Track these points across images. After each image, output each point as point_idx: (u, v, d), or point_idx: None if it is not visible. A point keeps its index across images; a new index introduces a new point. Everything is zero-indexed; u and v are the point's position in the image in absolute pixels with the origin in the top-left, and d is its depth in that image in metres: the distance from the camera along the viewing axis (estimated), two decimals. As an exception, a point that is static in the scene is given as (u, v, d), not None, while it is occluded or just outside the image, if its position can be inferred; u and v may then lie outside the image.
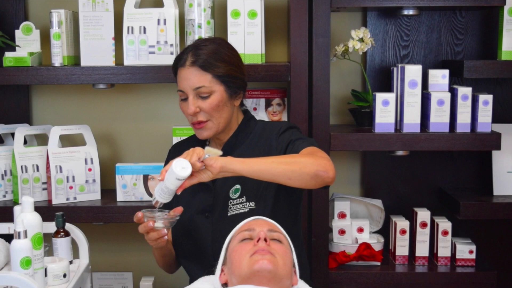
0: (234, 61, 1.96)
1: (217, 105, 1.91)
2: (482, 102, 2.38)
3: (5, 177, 2.49)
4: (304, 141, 1.89)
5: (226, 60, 1.93)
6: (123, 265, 2.78)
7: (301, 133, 2.00)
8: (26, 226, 1.72)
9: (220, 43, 1.97)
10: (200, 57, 1.90)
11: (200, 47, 1.93)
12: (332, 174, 1.76)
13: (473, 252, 2.46)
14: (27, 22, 2.47)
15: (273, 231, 1.71)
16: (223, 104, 1.93)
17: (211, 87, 1.90)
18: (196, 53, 1.91)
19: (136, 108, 2.72)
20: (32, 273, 1.71)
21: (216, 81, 1.91)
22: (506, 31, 2.42)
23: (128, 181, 2.47)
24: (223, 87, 1.92)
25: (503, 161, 2.54)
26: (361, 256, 2.45)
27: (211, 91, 1.91)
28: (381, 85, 2.64)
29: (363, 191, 2.76)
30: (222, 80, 1.92)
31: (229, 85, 1.93)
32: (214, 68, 1.90)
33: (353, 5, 2.35)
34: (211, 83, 1.90)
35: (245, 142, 2.00)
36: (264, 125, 2.04)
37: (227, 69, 1.92)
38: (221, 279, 1.71)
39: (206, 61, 1.90)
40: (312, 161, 1.75)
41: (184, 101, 1.96)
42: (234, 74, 1.94)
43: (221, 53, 1.93)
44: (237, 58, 1.98)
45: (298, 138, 1.92)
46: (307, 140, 1.90)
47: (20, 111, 2.68)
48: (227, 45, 1.99)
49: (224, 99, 1.93)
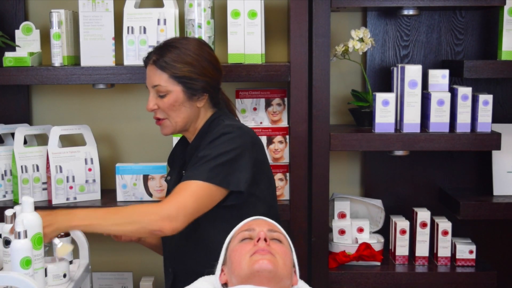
0: (197, 63, 1.95)
1: (172, 104, 1.95)
2: (482, 102, 2.38)
3: (5, 177, 2.49)
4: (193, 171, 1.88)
5: (187, 62, 1.94)
6: (123, 265, 2.78)
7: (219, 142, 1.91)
8: (26, 226, 1.72)
9: (188, 44, 1.97)
10: (162, 57, 1.94)
11: (167, 46, 1.97)
12: (168, 230, 1.82)
13: (473, 252, 2.46)
14: (27, 22, 2.47)
15: (273, 231, 1.71)
16: (180, 104, 1.96)
17: (167, 87, 1.95)
18: (160, 53, 1.95)
19: (136, 108, 2.72)
20: (32, 273, 1.70)
21: (173, 81, 1.94)
22: (506, 31, 2.42)
23: (128, 181, 2.47)
24: (180, 87, 1.95)
25: (503, 161, 2.54)
26: (361, 256, 2.45)
27: (167, 90, 1.95)
28: (381, 85, 2.64)
29: (363, 191, 2.76)
30: (179, 81, 1.94)
31: (188, 86, 1.95)
32: (171, 68, 1.93)
33: (353, 5, 2.35)
34: (167, 83, 1.94)
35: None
36: (223, 126, 1.96)
37: (186, 71, 1.93)
38: (221, 279, 1.71)
39: (165, 61, 1.94)
40: (149, 221, 1.82)
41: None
42: (193, 76, 1.94)
43: (185, 54, 1.94)
44: (202, 60, 1.96)
45: (194, 166, 1.90)
46: (198, 169, 1.87)
47: (20, 111, 2.68)
48: (197, 46, 1.98)
49: (181, 100, 1.95)
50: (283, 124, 2.49)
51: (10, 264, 1.72)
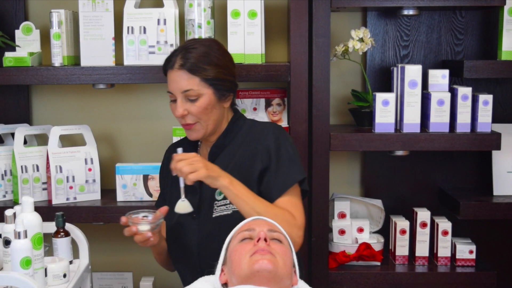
0: (223, 64, 1.94)
1: (205, 108, 1.91)
2: (482, 102, 2.38)
3: (5, 177, 2.49)
4: (284, 179, 1.90)
5: (215, 63, 1.91)
6: (123, 265, 2.78)
7: (286, 140, 1.96)
8: (26, 226, 1.72)
9: (210, 45, 1.95)
10: (189, 60, 1.89)
11: (189, 49, 1.91)
12: (297, 248, 1.84)
13: (473, 252, 2.46)
14: (27, 22, 2.47)
15: (273, 231, 1.71)
16: (212, 107, 1.92)
17: (199, 90, 1.90)
18: (185, 56, 1.90)
19: (136, 108, 2.73)
20: (32, 273, 1.71)
21: (204, 84, 1.90)
22: (506, 31, 2.42)
23: (128, 181, 2.47)
24: (211, 90, 1.91)
25: (503, 161, 2.54)
26: (361, 256, 2.45)
27: (199, 94, 1.90)
28: (381, 85, 2.64)
29: (363, 191, 2.76)
30: (210, 83, 1.91)
31: (218, 88, 1.92)
32: (202, 71, 1.89)
33: (353, 5, 2.35)
34: (199, 87, 1.90)
35: (231, 143, 1.99)
36: (252, 124, 2.03)
37: (216, 72, 1.91)
38: (221, 279, 1.71)
39: (194, 64, 1.89)
40: (290, 232, 1.80)
41: (173, 103, 1.95)
42: (222, 77, 1.93)
43: (210, 55, 1.91)
44: (227, 60, 1.97)
45: (280, 169, 1.91)
46: (288, 177, 1.90)
47: (20, 111, 2.68)
48: (217, 46, 1.97)
49: (213, 102, 1.92)
50: (283, 124, 2.49)
51: (10, 264, 1.72)
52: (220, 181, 1.80)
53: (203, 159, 1.81)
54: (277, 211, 1.85)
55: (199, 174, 1.77)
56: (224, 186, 1.81)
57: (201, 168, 1.77)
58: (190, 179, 1.77)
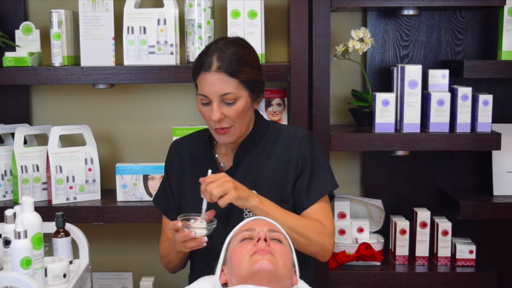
0: (257, 64, 1.89)
1: (242, 111, 1.85)
2: (482, 102, 2.38)
3: (5, 177, 2.49)
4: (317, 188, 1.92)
5: (250, 64, 1.85)
6: (123, 265, 2.78)
7: (317, 147, 1.98)
8: (26, 226, 1.72)
9: (243, 46, 1.88)
10: (226, 62, 1.81)
11: (224, 50, 1.83)
12: (327, 258, 1.91)
13: (473, 252, 2.46)
14: (27, 22, 2.47)
15: (273, 231, 1.71)
16: (247, 109, 1.88)
17: (237, 93, 1.83)
18: (221, 57, 1.82)
19: (136, 108, 2.73)
20: (32, 273, 1.71)
21: (242, 87, 1.84)
22: (506, 31, 2.42)
23: (128, 181, 2.47)
24: (247, 92, 1.86)
25: (503, 161, 2.54)
26: (361, 256, 2.45)
27: (237, 97, 1.83)
28: (381, 85, 2.64)
29: (363, 191, 2.76)
30: (247, 86, 1.85)
31: (253, 90, 1.87)
32: (240, 73, 1.82)
33: (353, 5, 2.35)
34: (237, 89, 1.83)
35: (258, 145, 1.96)
36: (278, 128, 2.00)
37: (252, 74, 1.85)
38: (221, 279, 1.71)
39: (232, 66, 1.81)
40: (318, 243, 1.85)
41: (205, 106, 1.87)
42: (258, 78, 1.88)
43: (246, 56, 1.85)
44: (258, 60, 1.92)
45: (313, 177, 1.92)
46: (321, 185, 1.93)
47: (20, 111, 2.68)
48: (249, 46, 1.92)
49: (248, 105, 1.87)
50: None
51: (10, 264, 1.72)
52: (250, 201, 1.78)
53: (233, 180, 1.77)
54: (308, 223, 1.86)
55: (230, 197, 1.73)
56: (255, 206, 1.79)
57: (231, 189, 1.74)
58: (220, 204, 1.74)
